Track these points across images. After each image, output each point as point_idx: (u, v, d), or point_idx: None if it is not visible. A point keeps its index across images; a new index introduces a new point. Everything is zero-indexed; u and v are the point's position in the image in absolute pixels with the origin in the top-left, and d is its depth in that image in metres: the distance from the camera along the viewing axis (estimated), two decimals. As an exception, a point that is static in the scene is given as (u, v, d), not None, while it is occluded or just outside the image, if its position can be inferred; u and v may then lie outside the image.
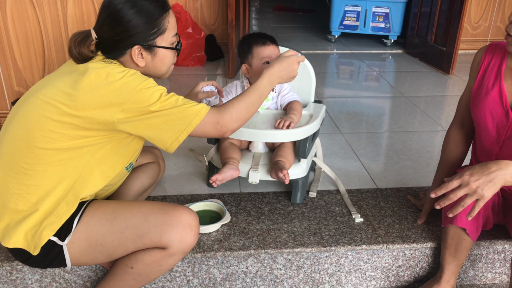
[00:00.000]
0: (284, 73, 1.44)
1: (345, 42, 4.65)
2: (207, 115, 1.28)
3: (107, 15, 1.27)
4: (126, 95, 1.21)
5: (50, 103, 1.22)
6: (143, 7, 1.27)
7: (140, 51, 1.30)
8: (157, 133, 1.26)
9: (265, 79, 1.41)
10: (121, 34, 1.27)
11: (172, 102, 1.25)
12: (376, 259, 1.61)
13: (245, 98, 1.36)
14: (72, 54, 1.28)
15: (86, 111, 1.21)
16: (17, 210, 1.24)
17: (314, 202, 1.81)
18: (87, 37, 1.29)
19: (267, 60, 1.67)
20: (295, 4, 7.60)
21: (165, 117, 1.24)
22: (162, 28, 1.31)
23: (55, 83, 1.25)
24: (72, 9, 2.20)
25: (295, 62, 1.46)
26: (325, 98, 3.11)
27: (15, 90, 2.34)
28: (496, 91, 1.45)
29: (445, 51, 3.57)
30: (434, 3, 3.71)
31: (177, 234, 1.27)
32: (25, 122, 1.23)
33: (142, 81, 1.24)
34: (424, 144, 2.37)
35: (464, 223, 1.45)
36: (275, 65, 1.44)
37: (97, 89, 1.20)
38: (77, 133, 1.23)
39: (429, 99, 3.07)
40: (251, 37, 1.73)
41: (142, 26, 1.27)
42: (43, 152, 1.22)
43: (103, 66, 1.24)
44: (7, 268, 1.48)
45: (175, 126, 1.25)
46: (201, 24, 3.90)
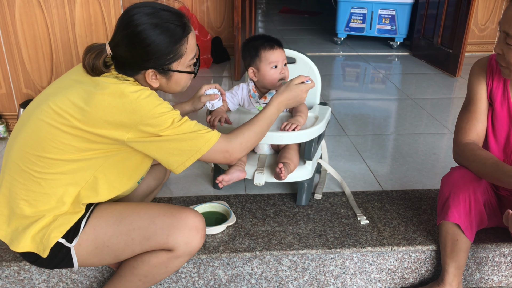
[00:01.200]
0: (292, 101, 1.48)
1: (351, 44, 4.64)
2: (217, 143, 1.28)
3: (124, 35, 1.22)
4: (138, 118, 1.19)
5: (61, 115, 1.20)
6: (164, 28, 1.22)
7: (154, 73, 1.28)
8: (165, 156, 1.26)
9: (273, 107, 1.43)
10: (137, 57, 1.24)
11: (184, 128, 1.24)
12: (382, 261, 1.60)
13: (254, 127, 1.38)
14: (85, 66, 1.24)
15: (96, 128, 1.20)
16: (24, 215, 1.25)
17: (319, 204, 1.81)
18: (102, 53, 1.25)
19: (275, 64, 1.67)
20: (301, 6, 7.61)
21: (175, 142, 1.24)
22: (180, 53, 1.27)
23: (67, 93, 1.22)
24: (79, 12, 2.22)
25: (304, 91, 1.49)
26: (331, 100, 3.11)
27: (23, 92, 2.37)
28: (505, 109, 1.47)
29: (452, 53, 3.56)
30: (440, 5, 3.70)
31: (184, 237, 1.27)
32: (36, 131, 1.22)
33: (156, 105, 1.21)
34: (430, 146, 2.37)
35: (457, 219, 1.44)
36: (284, 93, 1.46)
37: (110, 108, 1.18)
38: (87, 146, 1.23)
39: (435, 102, 3.06)
40: (257, 40, 1.72)
41: (160, 52, 1.23)
42: (53, 162, 1.23)
43: (118, 83, 1.21)
44: (14, 268, 1.49)
45: (184, 151, 1.25)
46: (207, 26, 3.92)
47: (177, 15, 1.26)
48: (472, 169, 1.47)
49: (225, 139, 1.31)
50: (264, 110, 1.43)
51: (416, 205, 1.82)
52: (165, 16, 1.23)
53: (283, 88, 1.48)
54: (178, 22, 1.25)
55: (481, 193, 1.47)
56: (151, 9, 1.23)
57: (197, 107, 1.63)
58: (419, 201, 1.85)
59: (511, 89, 1.48)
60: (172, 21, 1.23)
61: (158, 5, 1.25)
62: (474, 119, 1.52)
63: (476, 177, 1.46)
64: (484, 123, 1.52)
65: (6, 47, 2.26)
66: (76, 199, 1.28)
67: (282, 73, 1.68)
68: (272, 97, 1.46)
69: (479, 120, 1.52)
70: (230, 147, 1.32)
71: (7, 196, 1.27)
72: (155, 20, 1.21)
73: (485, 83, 1.51)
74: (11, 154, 1.27)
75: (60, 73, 2.33)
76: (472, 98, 1.54)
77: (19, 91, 2.36)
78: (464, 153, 1.50)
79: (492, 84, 1.50)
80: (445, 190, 1.51)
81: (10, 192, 1.27)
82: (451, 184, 1.50)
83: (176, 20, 1.24)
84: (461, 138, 1.53)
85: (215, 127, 1.64)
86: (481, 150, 1.47)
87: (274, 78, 1.67)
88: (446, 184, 1.53)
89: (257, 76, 1.71)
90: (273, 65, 1.67)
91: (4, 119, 2.39)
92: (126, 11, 1.24)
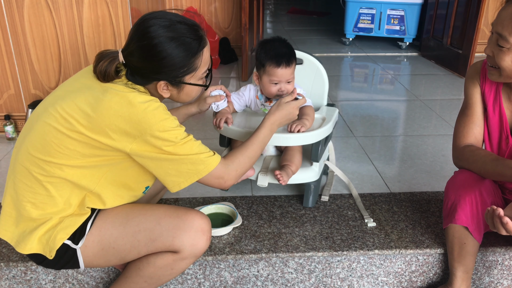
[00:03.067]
0: (284, 120, 1.50)
1: (360, 45, 4.62)
2: (215, 169, 1.28)
3: (139, 46, 1.20)
4: (143, 130, 1.19)
5: (67, 120, 1.19)
6: (180, 42, 1.21)
7: (166, 84, 1.27)
8: (162, 174, 1.26)
9: (266, 128, 1.44)
10: (151, 68, 1.23)
11: (187, 149, 1.23)
12: (389, 264, 1.59)
13: (248, 152, 1.38)
14: (97, 73, 1.23)
15: (101, 136, 1.19)
16: (31, 218, 1.26)
17: (326, 206, 1.80)
18: (114, 60, 1.23)
19: (276, 82, 1.63)
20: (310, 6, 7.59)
21: (175, 163, 1.23)
22: (194, 66, 1.26)
23: (75, 98, 1.21)
24: (87, 13, 2.22)
25: (294, 109, 1.50)
26: (339, 101, 3.09)
27: (31, 93, 2.38)
28: (497, 115, 1.46)
29: (461, 53, 3.53)
30: (450, 5, 3.67)
31: (189, 239, 1.27)
32: (43, 135, 1.22)
33: (163, 119, 1.20)
34: (439, 148, 2.34)
35: (464, 221, 1.43)
36: (276, 113, 1.47)
37: (116, 117, 1.17)
38: (92, 152, 1.22)
39: (445, 103, 3.03)
40: (271, 46, 1.64)
41: (174, 65, 1.22)
42: (58, 166, 1.23)
43: (126, 91, 1.20)
44: (21, 269, 1.50)
45: (182, 173, 1.25)
46: (215, 27, 3.92)
47: (193, 28, 1.24)
48: (474, 169, 1.47)
49: (222, 165, 1.31)
50: (257, 133, 1.43)
51: (424, 207, 1.80)
52: (181, 30, 1.22)
53: (274, 108, 1.48)
54: (194, 36, 1.24)
55: (487, 195, 1.45)
56: (168, 22, 1.21)
57: (202, 108, 1.63)
58: (427, 203, 1.82)
59: (503, 94, 1.46)
60: (188, 35, 1.22)
61: (174, 17, 1.23)
62: (471, 123, 1.52)
63: (481, 179, 1.45)
64: (481, 127, 1.52)
65: (15, 48, 2.27)
66: (82, 202, 1.28)
67: (280, 91, 1.63)
68: (263, 118, 1.46)
69: (476, 124, 1.52)
70: (226, 173, 1.32)
71: (15, 198, 1.28)
72: (171, 34, 1.20)
73: (479, 86, 1.50)
74: (18, 157, 1.27)
75: (68, 74, 2.34)
76: (468, 102, 1.54)
77: (27, 92, 2.38)
78: (464, 156, 1.51)
79: (485, 88, 1.49)
80: (450, 193, 1.50)
81: (17, 194, 1.27)
82: (456, 187, 1.48)
83: (192, 34, 1.23)
84: (458, 142, 1.54)
85: (221, 128, 1.64)
86: (480, 150, 1.47)
87: (271, 92, 1.65)
88: (451, 187, 1.52)
89: (258, 82, 1.70)
90: (274, 82, 1.63)
91: (12, 119, 2.41)
92: (142, 21, 1.22)
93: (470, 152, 1.48)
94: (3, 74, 2.33)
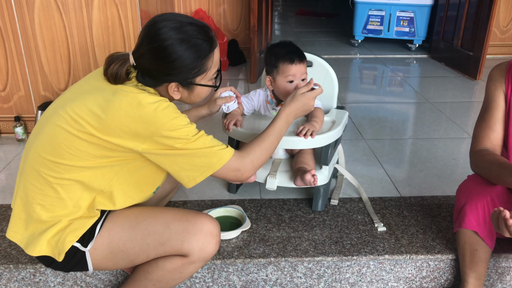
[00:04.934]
0: (300, 111, 1.46)
1: (369, 47, 4.59)
2: (230, 161, 1.27)
3: (150, 48, 1.21)
4: (154, 130, 1.19)
5: (77, 121, 1.19)
6: (191, 44, 1.21)
7: (177, 86, 1.27)
8: (177, 170, 1.25)
9: (282, 120, 1.42)
10: (162, 70, 1.23)
11: (199, 143, 1.23)
12: (399, 270, 1.57)
13: (264, 143, 1.37)
14: (108, 75, 1.23)
15: (111, 137, 1.19)
16: (40, 220, 1.26)
17: (335, 210, 1.78)
18: (125, 62, 1.23)
19: (291, 79, 1.63)
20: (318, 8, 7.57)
21: (188, 157, 1.23)
22: (205, 68, 1.26)
23: (85, 100, 1.21)
24: (97, 15, 2.23)
25: (310, 99, 1.47)
26: (348, 103, 3.07)
27: (41, 94, 2.39)
28: None
29: (472, 55, 3.49)
30: (461, 6, 3.63)
31: (198, 242, 1.26)
32: (53, 137, 1.22)
33: (173, 117, 1.20)
34: (449, 151, 2.31)
35: (475, 226, 1.41)
36: (292, 104, 1.44)
37: (126, 118, 1.17)
38: (103, 153, 1.22)
39: (455, 105, 3.00)
40: (280, 48, 1.66)
41: (185, 67, 1.22)
42: (68, 168, 1.23)
43: (136, 92, 1.20)
44: (30, 271, 1.50)
45: (196, 167, 1.24)
46: (223, 29, 3.92)
47: (203, 30, 1.24)
48: (483, 174, 1.45)
49: (237, 157, 1.30)
50: (273, 124, 1.41)
51: (435, 212, 1.77)
52: (191, 31, 1.22)
53: (289, 99, 1.46)
54: (204, 37, 1.23)
55: (500, 201, 1.42)
56: (178, 23, 1.21)
57: (213, 110, 1.62)
58: (438, 208, 1.80)
59: None
60: (198, 36, 1.22)
61: (185, 19, 1.23)
62: (488, 128, 1.49)
63: (493, 184, 1.43)
64: (499, 132, 1.48)
65: (26, 50, 2.28)
66: (92, 204, 1.28)
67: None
68: (279, 110, 1.44)
69: (493, 130, 1.48)
70: (242, 165, 1.31)
71: (25, 200, 1.28)
72: (182, 35, 1.20)
73: (503, 90, 1.46)
74: (28, 159, 1.27)
75: (78, 76, 2.35)
76: (488, 106, 1.50)
77: (37, 94, 2.39)
78: (476, 160, 1.49)
79: (510, 90, 1.45)
80: (461, 197, 1.48)
81: (27, 196, 1.27)
82: (468, 191, 1.46)
83: (203, 35, 1.23)
84: (474, 147, 1.52)
85: (230, 130, 1.63)
86: (490, 155, 1.44)
87: (288, 92, 1.64)
88: (462, 191, 1.49)
89: (273, 86, 1.69)
90: (289, 80, 1.63)
91: (22, 121, 2.42)
92: (153, 23, 1.22)
93: (481, 157, 1.46)
94: (14, 76, 2.34)
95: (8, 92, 2.38)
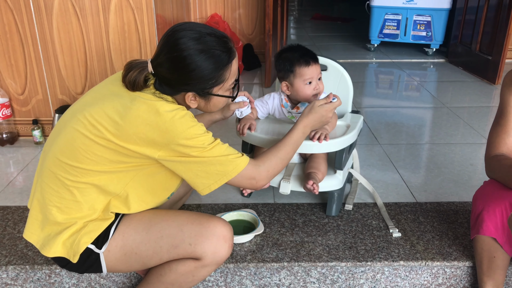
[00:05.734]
0: (317, 122, 1.47)
1: (385, 51, 4.56)
2: (245, 169, 1.27)
3: (169, 58, 1.21)
4: (171, 138, 1.19)
5: (95, 126, 1.21)
6: (210, 54, 1.21)
7: (194, 95, 1.28)
8: (192, 177, 1.26)
9: (299, 131, 1.43)
10: (180, 80, 1.23)
11: (215, 152, 1.24)
12: (414, 276, 1.54)
13: (280, 154, 1.37)
14: (126, 83, 1.24)
15: (128, 143, 1.20)
16: (56, 222, 1.27)
17: (350, 215, 1.76)
18: (144, 70, 1.23)
19: (309, 80, 1.63)
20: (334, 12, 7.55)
21: (204, 165, 1.23)
22: (223, 78, 1.26)
23: (103, 105, 1.22)
24: (113, 20, 2.26)
25: (328, 111, 1.47)
26: (364, 107, 3.05)
27: (58, 98, 2.43)
28: None
29: (491, 60, 3.44)
30: (479, 10, 3.58)
31: (211, 246, 1.26)
32: (71, 141, 1.23)
33: (190, 126, 1.21)
34: (467, 157, 2.28)
35: (493, 233, 1.37)
36: (309, 116, 1.45)
37: (143, 125, 1.18)
38: (119, 159, 1.23)
39: (473, 110, 2.95)
40: (291, 52, 1.65)
41: (203, 78, 1.23)
42: (85, 172, 1.24)
43: (154, 100, 1.21)
44: (46, 272, 1.52)
45: (211, 175, 1.25)
46: (239, 33, 3.93)
47: (222, 40, 1.24)
48: (499, 179, 1.43)
49: (253, 166, 1.30)
50: (290, 135, 1.41)
51: (451, 218, 1.74)
52: (211, 42, 1.22)
53: (307, 110, 1.46)
54: (223, 48, 1.24)
55: None
56: (198, 34, 1.21)
57: (226, 115, 1.63)
58: (454, 214, 1.77)
59: None
60: (217, 47, 1.22)
61: (204, 29, 1.23)
62: (504, 133, 1.47)
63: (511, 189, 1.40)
64: None
65: (44, 55, 2.32)
66: (107, 207, 1.29)
67: (316, 89, 1.64)
68: (297, 121, 1.45)
69: (509, 134, 1.46)
70: (257, 174, 1.31)
71: (41, 202, 1.30)
72: (201, 46, 1.20)
73: None
74: (46, 161, 1.29)
75: (94, 80, 2.38)
76: (503, 111, 1.48)
77: (54, 97, 2.42)
78: (492, 166, 1.47)
79: None
80: (478, 203, 1.45)
81: (43, 198, 1.29)
82: (485, 197, 1.44)
83: (222, 46, 1.23)
84: (489, 152, 1.50)
85: (245, 134, 1.63)
86: (508, 160, 1.42)
87: (307, 94, 1.64)
88: (479, 197, 1.47)
89: (290, 90, 1.68)
90: (308, 82, 1.63)
91: (40, 124, 2.46)
92: (172, 33, 1.22)
93: (497, 162, 1.44)
94: (32, 80, 2.38)
95: (26, 95, 2.42)
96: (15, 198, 1.92)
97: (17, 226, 1.71)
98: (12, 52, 2.32)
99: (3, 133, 2.42)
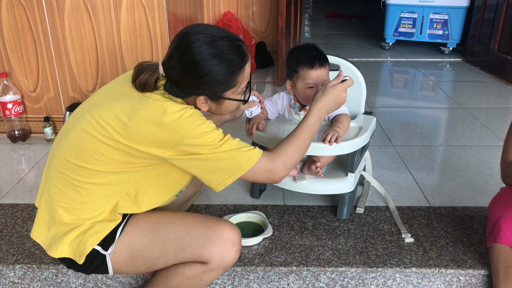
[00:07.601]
0: (332, 105, 1.40)
1: (400, 50, 4.49)
2: (259, 162, 1.24)
3: (181, 62, 1.19)
4: (179, 138, 1.17)
5: (103, 127, 1.19)
6: (222, 59, 1.18)
7: (205, 99, 1.26)
8: (205, 174, 1.24)
9: (314, 116, 1.37)
10: (191, 84, 1.21)
11: (226, 147, 1.21)
12: (427, 283, 1.50)
13: (296, 142, 1.32)
14: (136, 84, 1.22)
15: (137, 144, 1.18)
16: (63, 222, 1.26)
17: (361, 218, 1.73)
18: (155, 72, 1.22)
19: (312, 85, 1.57)
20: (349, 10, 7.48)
21: (215, 161, 1.21)
22: (235, 82, 1.24)
23: (112, 105, 1.21)
24: (125, 18, 2.25)
25: (342, 91, 1.40)
26: (377, 107, 3.00)
27: (70, 95, 2.43)
28: None
29: (510, 59, 3.35)
30: (498, 8, 3.50)
31: (219, 250, 1.24)
32: (79, 141, 1.22)
33: (198, 124, 1.19)
34: (483, 160, 2.22)
35: (510, 241, 1.33)
36: (323, 98, 1.39)
37: (152, 126, 1.16)
38: (128, 159, 1.22)
39: (490, 111, 2.88)
40: (301, 52, 1.60)
41: (215, 82, 1.21)
42: (93, 172, 1.23)
43: (163, 100, 1.19)
44: (53, 271, 1.51)
45: (224, 170, 1.22)
46: (252, 31, 3.90)
47: (236, 44, 1.22)
48: None
49: (268, 158, 1.27)
50: (304, 121, 1.37)
51: (466, 224, 1.69)
52: (224, 46, 1.19)
53: (319, 94, 1.40)
54: (236, 53, 1.21)
55: None
56: (210, 38, 1.19)
57: (236, 115, 1.60)
58: (470, 219, 1.72)
59: None
60: (230, 52, 1.20)
61: (217, 33, 1.21)
62: None
63: None
64: None
65: (55, 52, 2.33)
66: (114, 208, 1.28)
67: None
68: (310, 106, 1.39)
69: None
70: (273, 166, 1.27)
71: (49, 202, 1.29)
72: (214, 50, 1.18)
73: None
74: (54, 161, 1.28)
75: (106, 78, 2.38)
76: None
77: (66, 95, 2.43)
78: (507, 171, 1.43)
79: None
80: (495, 210, 1.41)
81: (51, 198, 1.28)
82: (502, 204, 1.39)
83: (235, 50, 1.21)
84: (505, 157, 1.45)
85: (253, 135, 1.60)
86: None
87: (308, 98, 1.59)
88: (496, 204, 1.42)
89: (293, 90, 1.64)
90: (309, 86, 1.57)
91: (51, 121, 2.46)
92: (185, 36, 1.20)
93: None
94: (44, 77, 2.39)
95: (38, 93, 2.43)
96: (25, 195, 1.92)
97: (25, 224, 1.71)
98: (24, 50, 2.33)
99: (15, 130, 2.44)
